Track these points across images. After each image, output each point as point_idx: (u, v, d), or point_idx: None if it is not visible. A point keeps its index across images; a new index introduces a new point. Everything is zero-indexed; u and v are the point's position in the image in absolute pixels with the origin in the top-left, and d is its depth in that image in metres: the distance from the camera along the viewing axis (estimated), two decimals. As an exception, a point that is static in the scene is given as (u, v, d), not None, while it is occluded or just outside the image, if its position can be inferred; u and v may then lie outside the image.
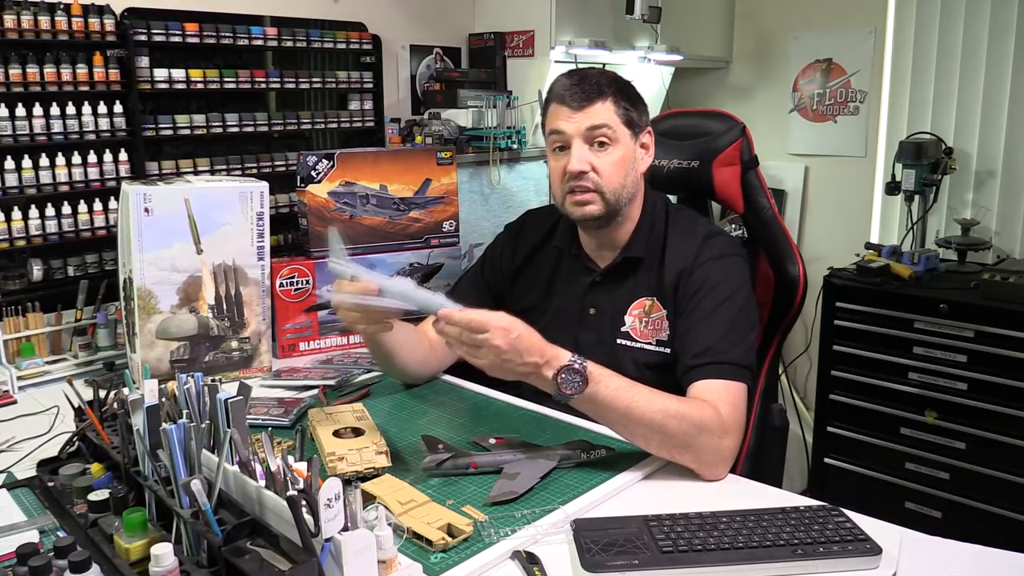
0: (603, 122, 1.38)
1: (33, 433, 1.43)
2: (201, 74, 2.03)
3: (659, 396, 1.23)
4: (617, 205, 1.42)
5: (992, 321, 2.22)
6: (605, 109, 1.38)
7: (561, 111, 1.40)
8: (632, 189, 1.44)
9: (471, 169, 2.54)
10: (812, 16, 3.13)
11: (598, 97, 1.38)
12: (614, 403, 1.20)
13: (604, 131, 1.38)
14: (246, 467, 0.93)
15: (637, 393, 1.22)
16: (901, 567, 0.99)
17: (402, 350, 1.54)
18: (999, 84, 2.70)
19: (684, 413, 1.21)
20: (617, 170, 1.40)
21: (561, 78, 1.43)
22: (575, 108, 1.38)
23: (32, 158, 1.79)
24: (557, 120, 1.40)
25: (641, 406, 1.20)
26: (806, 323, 2.90)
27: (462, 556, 1.02)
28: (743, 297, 1.39)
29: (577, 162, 1.38)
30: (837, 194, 3.15)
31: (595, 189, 1.39)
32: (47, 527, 1.10)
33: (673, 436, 1.20)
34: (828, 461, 2.60)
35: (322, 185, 1.92)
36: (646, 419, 1.20)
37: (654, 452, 1.25)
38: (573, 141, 1.39)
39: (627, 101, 1.41)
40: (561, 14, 2.60)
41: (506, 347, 1.16)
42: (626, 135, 1.41)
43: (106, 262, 1.93)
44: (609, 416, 1.23)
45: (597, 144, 1.39)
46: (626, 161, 1.41)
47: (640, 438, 1.24)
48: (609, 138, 1.39)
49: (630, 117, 1.41)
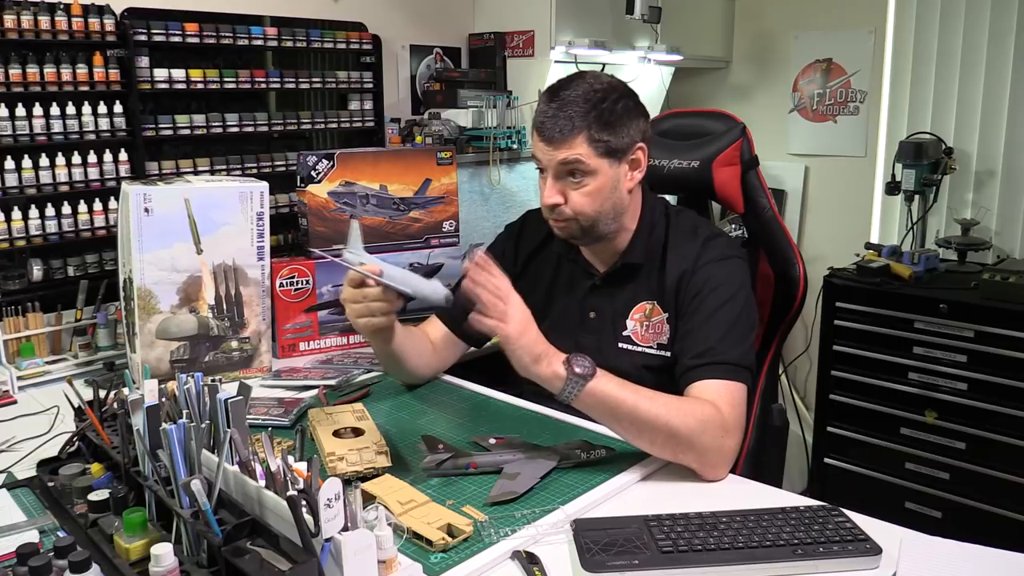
0: (576, 157, 1.33)
1: (33, 433, 1.43)
2: (201, 74, 2.03)
3: (662, 396, 1.23)
4: (595, 229, 1.40)
5: (992, 321, 2.22)
6: (579, 144, 1.33)
7: (538, 140, 1.37)
8: (615, 210, 1.41)
9: (471, 169, 2.54)
10: (812, 16, 3.13)
11: (571, 133, 1.32)
12: (621, 399, 1.20)
13: (577, 166, 1.34)
14: (246, 467, 0.93)
15: (641, 391, 1.22)
16: (901, 567, 0.99)
17: (409, 354, 1.54)
18: (999, 84, 2.70)
19: (688, 412, 1.21)
20: (591, 200, 1.37)
21: (544, 99, 1.37)
22: (549, 142, 1.34)
23: (32, 158, 1.79)
24: (535, 145, 1.39)
25: (646, 404, 1.20)
26: (806, 323, 2.90)
27: (462, 556, 1.02)
28: (744, 298, 1.39)
29: (548, 196, 1.37)
30: (837, 194, 3.15)
31: (568, 219, 1.38)
32: (47, 527, 1.10)
33: (678, 435, 1.20)
34: (828, 461, 2.60)
35: (322, 185, 1.92)
36: (652, 416, 1.20)
37: (656, 453, 1.25)
38: (548, 172, 1.38)
39: (606, 131, 1.34)
40: (561, 14, 2.60)
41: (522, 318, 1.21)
42: (603, 165, 1.36)
43: (106, 262, 1.93)
44: (615, 413, 1.22)
45: (571, 175, 1.36)
46: (603, 190, 1.37)
47: (645, 438, 1.23)
48: (583, 172, 1.35)
49: (609, 148, 1.35)
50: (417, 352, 1.57)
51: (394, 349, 1.50)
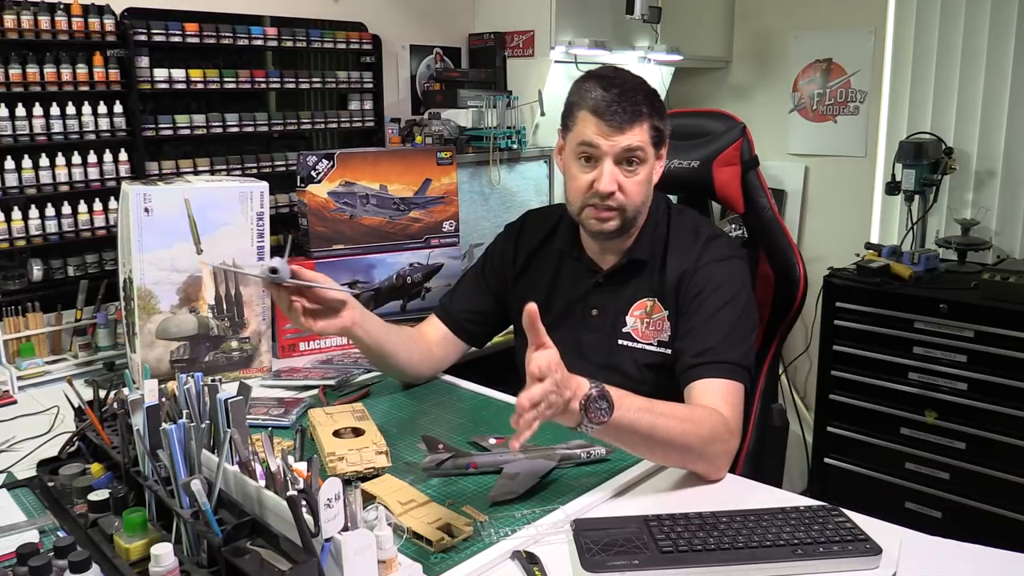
0: (638, 145, 1.34)
1: (33, 433, 1.43)
2: (201, 74, 2.03)
3: (674, 409, 1.19)
4: (635, 221, 1.42)
5: (992, 321, 2.22)
6: (642, 131, 1.34)
7: (597, 125, 1.33)
8: (647, 203, 1.43)
9: (471, 169, 2.53)
10: (812, 16, 3.13)
11: (638, 119, 1.33)
12: (639, 426, 1.14)
13: (637, 153, 1.35)
14: (246, 467, 0.93)
15: (656, 410, 1.16)
16: (901, 567, 0.99)
17: (394, 350, 1.53)
18: (999, 84, 2.70)
19: (700, 424, 1.20)
20: (642, 189, 1.39)
21: (597, 86, 1.35)
22: (614, 128, 1.32)
23: (32, 158, 1.79)
24: (591, 132, 1.34)
25: (663, 424, 1.15)
26: (806, 323, 2.89)
27: (462, 556, 1.02)
28: (744, 299, 1.39)
29: (608, 183, 1.34)
30: (837, 194, 3.15)
31: (618, 207, 1.37)
32: (47, 527, 1.10)
33: (691, 449, 1.19)
34: (828, 461, 2.60)
35: (322, 185, 1.92)
36: (668, 436, 1.16)
37: (669, 465, 1.25)
38: (605, 159, 1.35)
39: (659, 119, 1.37)
40: (561, 14, 2.60)
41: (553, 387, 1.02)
42: (652, 154, 1.38)
43: (106, 262, 1.93)
44: (632, 440, 1.17)
45: (626, 163, 1.36)
46: (648, 179, 1.40)
47: (659, 455, 1.21)
48: (640, 160, 1.36)
49: (659, 137, 1.38)
50: (406, 348, 1.56)
51: (371, 345, 1.48)
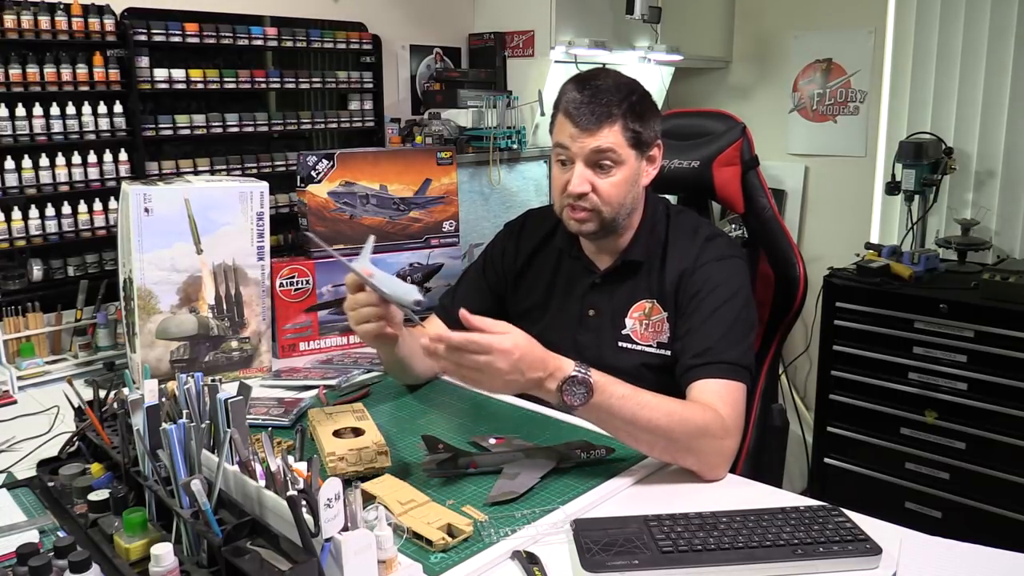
0: (609, 146, 1.34)
1: (33, 433, 1.43)
2: (201, 74, 2.03)
3: (662, 401, 1.22)
4: (614, 222, 1.41)
5: (992, 321, 2.22)
6: (613, 133, 1.34)
7: (567, 127, 1.35)
8: (632, 204, 1.42)
9: (471, 169, 2.53)
10: (812, 16, 3.13)
11: (606, 121, 1.33)
12: (619, 412, 1.19)
13: (609, 155, 1.35)
14: (246, 467, 0.93)
15: (641, 400, 1.20)
16: (901, 567, 0.99)
17: (415, 359, 1.54)
18: (999, 84, 2.70)
19: (687, 417, 1.21)
20: (618, 191, 1.37)
21: (572, 88, 1.36)
22: (582, 130, 1.33)
23: (32, 158, 1.79)
24: (563, 135, 1.36)
25: (646, 413, 1.19)
26: (806, 323, 2.90)
27: (462, 556, 1.02)
28: (743, 298, 1.39)
29: (576, 184, 1.35)
30: (837, 194, 3.15)
31: (592, 208, 1.37)
32: (47, 527, 1.10)
33: (677, 441, 1.20)
34: (828, 461, 2.60)
35: (322, 185, 1.92)
36: (651, 426, 1.19)
37: (657, 457, 1.25)
38: (576, 161, 1.36)
39: (638, 121, 1.35)
40: (561, 14, 2.60)
41: (509, 368, 1.13)
42: (631, 156, 1.37)
43: (106, 262, 1.93)
44: (613, 424, 1.21)
45: (599, 166, 1.36)
46: (628, 181, 1.38)
47: (644, 444, 1.23)
48: (613, 161, 1.35)
49: (638, 138, 1.37)
50: (421, 355, 1.57)
51: (400, 356, 1.50)
